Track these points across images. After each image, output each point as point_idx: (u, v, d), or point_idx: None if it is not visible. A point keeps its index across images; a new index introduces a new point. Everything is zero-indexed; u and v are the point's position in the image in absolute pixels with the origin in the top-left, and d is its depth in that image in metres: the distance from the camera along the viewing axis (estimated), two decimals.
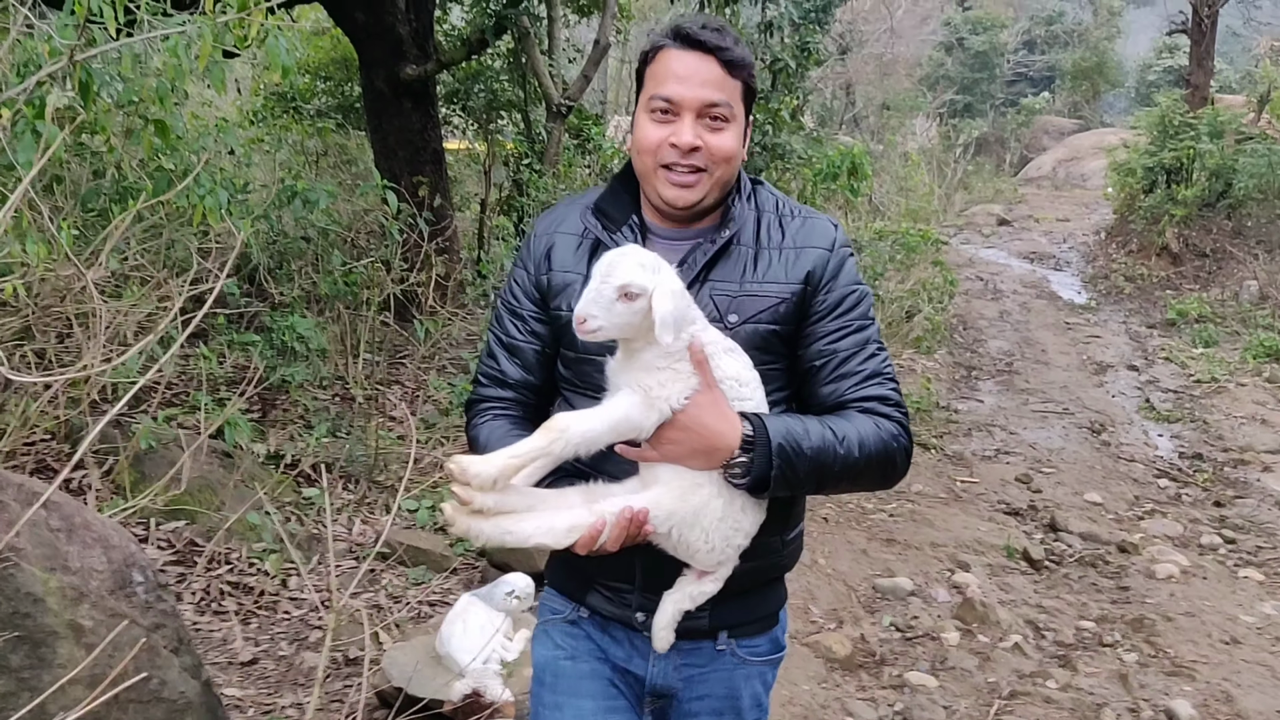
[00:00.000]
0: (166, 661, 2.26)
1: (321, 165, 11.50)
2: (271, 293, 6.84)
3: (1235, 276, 14.80)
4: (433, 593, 4.90)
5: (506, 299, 2.14)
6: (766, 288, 1.99)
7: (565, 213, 2.13)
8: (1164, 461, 8.80)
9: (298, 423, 6.22)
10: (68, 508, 2.24)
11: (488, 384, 2.13)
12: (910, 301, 12.36)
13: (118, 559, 2.21)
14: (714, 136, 1.97)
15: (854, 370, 2.00)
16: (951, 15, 36.82)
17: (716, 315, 1.97)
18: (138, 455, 4.79)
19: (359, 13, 8.29)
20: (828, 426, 1.93)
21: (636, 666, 2.11)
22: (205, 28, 3.74)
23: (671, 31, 2.00)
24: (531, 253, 2.11)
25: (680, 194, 1.98)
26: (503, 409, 2.10)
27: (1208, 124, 16.16)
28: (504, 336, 2.12)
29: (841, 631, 5.16)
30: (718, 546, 1.91)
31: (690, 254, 2.01)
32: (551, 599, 2.21)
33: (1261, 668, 5.08)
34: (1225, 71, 31.10)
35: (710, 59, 1.96)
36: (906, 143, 25.81)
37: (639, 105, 2.04)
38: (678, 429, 1.84)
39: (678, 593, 1.98)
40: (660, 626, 2.00)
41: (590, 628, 2.13)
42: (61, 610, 2.08)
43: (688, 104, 1.96)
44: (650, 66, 2.02)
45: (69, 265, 4.13)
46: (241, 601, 4.49)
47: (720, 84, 1.97)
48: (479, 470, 1.75)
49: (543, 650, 2.19)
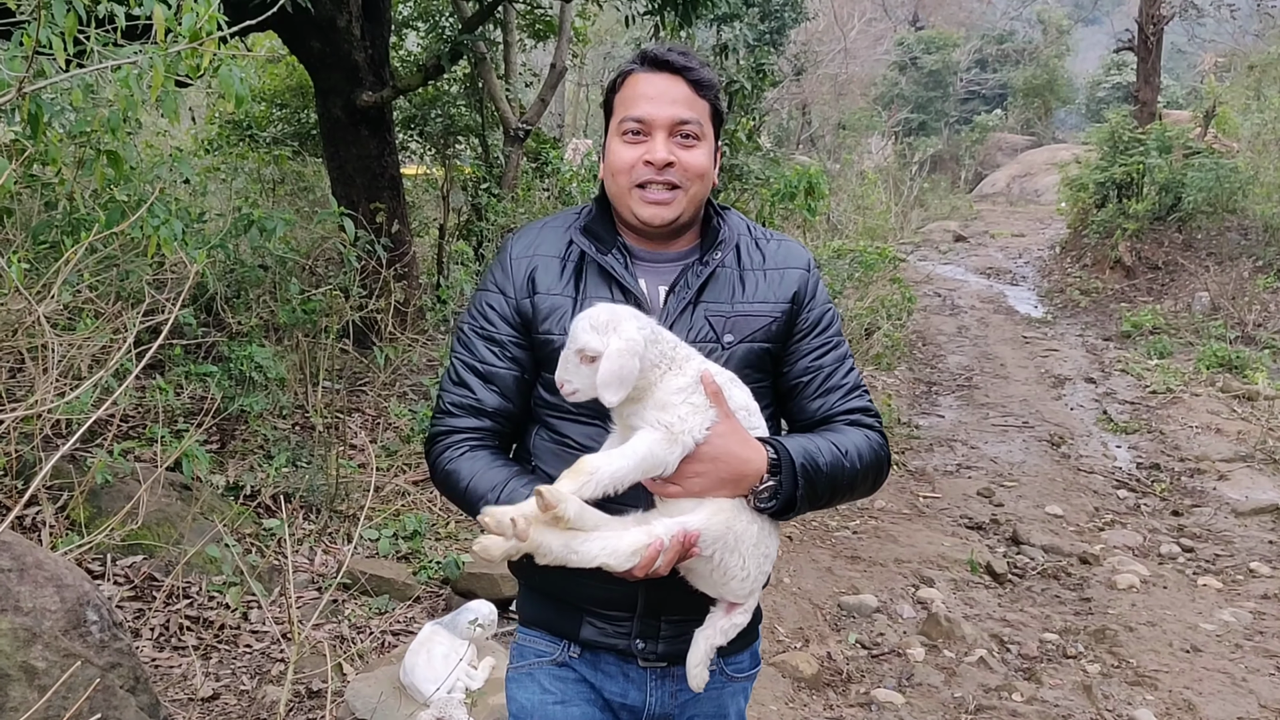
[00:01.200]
0: (123, 701, 2.21)
1: (278, 193, 11.43)
2: (229, 322, 6.78)
3: (1187, 288, 15.05)
4: (396, 622, 4.85)
5: (478, 325, 2.07)
6: (758, 308, 2.05)
7: (541, 235, 2.11)
8: (1122, 472, 8.90)
9: (257, 453, 6.15)
10: (18, 547, 2.20)
11: (460, 413, 2.05)
12: (869, 319, 12.45)
13: (71, 598, 2.17)
14: (686, 153, 2.00)
15: (838, 384, 2.09)
16: (904, 35, 37.34)
17: (713, 336, 2.01)
18: (93, 490, 4.71)
19: (314, 40, 8.26)
20: (831, 442, 1.99)
21: (633, 699, 2.09)
22: (157, 58, 3.71)
23: (638, 56, 2.04)
24: (510, 276, 2.06)
25: (656, 211, 2.01)
26: (479, 440, 2.04)
27: (1156, 139, 16.46)
28: (479, 364, 2.05)
29: (808, 650, 5.16)
30: (752, 574, 1.94)
31: (681, 277, 2.04)
32: (533, 640, 2.14)
33: (1222, 675, 5.14)
34: (1172, 88, 31.70)
35: (678, 79, 2.01)
36: (863, 161, 26.06)
37: (610, 132, 2.06)
38: (704, 460, 1.85)
39: (709, 629, 1.99)
40: (694, 664, 2.00)
41: (580, 666, 2.09)
42: (13, 652, 2.03)
43: (659, 122, 1.99)
44: (619, 93, 2.05)
45: (20, 299, 4.08)
46: (202, 636, 4.42)
47: (690, 103, 2.01)
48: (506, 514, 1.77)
49: (528, 695, 2.12)
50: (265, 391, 6.19)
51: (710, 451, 1.84)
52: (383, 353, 6.95)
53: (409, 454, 6.70)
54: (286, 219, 6.30)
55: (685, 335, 1.97)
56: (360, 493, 5.83)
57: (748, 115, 11.76)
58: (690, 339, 1.98)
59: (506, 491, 1.92)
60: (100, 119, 4.09)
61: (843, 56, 29.90)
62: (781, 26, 12.88)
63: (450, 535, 5.80)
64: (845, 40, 29.26)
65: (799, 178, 10.89)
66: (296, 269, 7.63)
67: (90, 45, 3.96)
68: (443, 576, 5.27)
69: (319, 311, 7.01)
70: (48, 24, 3.58)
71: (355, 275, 7.12)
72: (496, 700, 3.66)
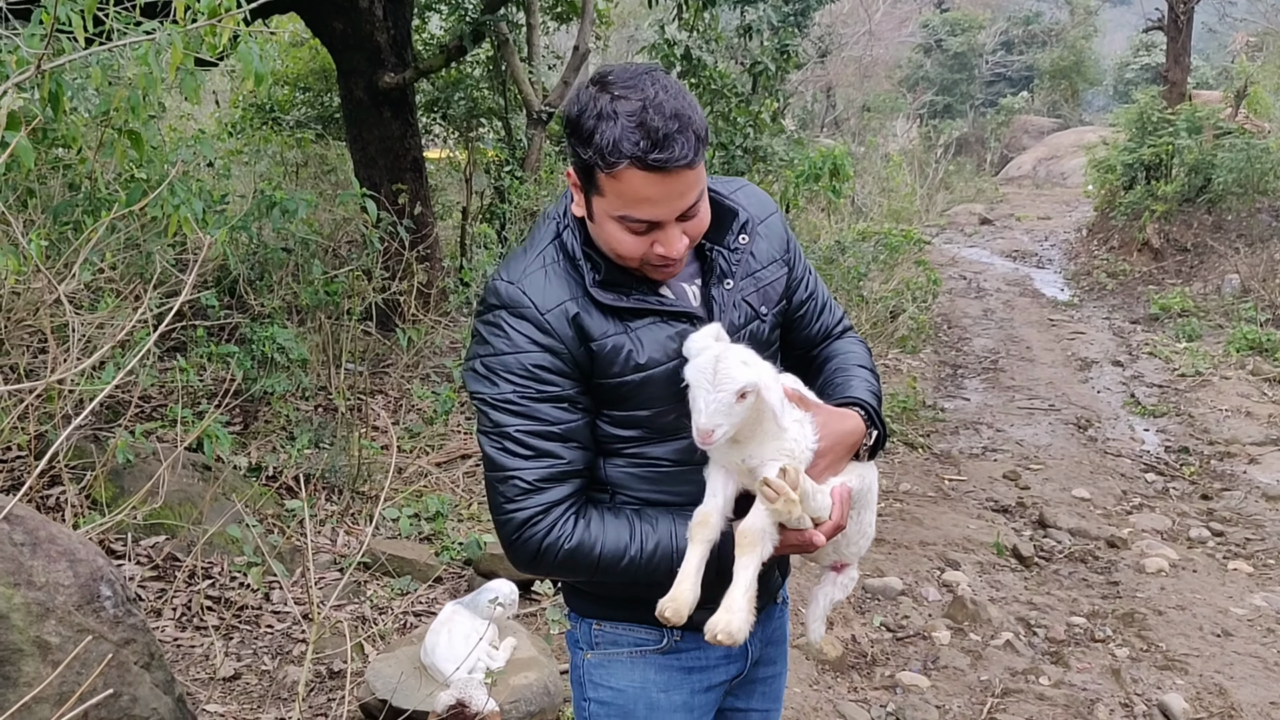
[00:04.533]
0: (137, 677, 2.20)
1: (301, 176, 11.45)
2: (251, 304, 6.78)
3: (1217, 270, 14.85)
4: (418, 602, 4.84)
5: (533, 390, 1.89)
6: (772, 269, 2.08)
7: (549, 282, 1.92)
8: (1150, 456, 8.80)
9: (279, 434, 6.15)
10: (31, 521, 2.18)
11: (552, 485, 1.90)
12: (894, 301, 12.37)
13: (85, 573, 2.16)
14: (694, 224, 1.88)
15: (824, 301, 2.21)
16: (929, 17, 37.02)
17: (753, 314, 2.02)
18: (115, 471, 4.73)
19: (337, 22, 8.25)
20: (858, 366, 2.16)
21: (736, 654, 2.15)
22: (175, 35, 3.69)
23: (631, 149, 1.75)
24: (553, 333, 1.88)
25: (669, 274, 1.93)
26: (577, 503, 1.93)
27: (1186, 120, 16.23)
28: (555, 427, 1.90)
29: (832, 633, 5.12)
30: (867, 534, 2.10)
31: (714, 266, 2.00)
32: (630, 630, 2.10)
33: (1253, 659, 5.07)
34: (1202, 68, 31.28)
35: (681, 172, 1.78)
36: (887, 144, 25.88)
37: (597, 205, 1.86)
38: (823, 454, 1.94)
39: (828, 586, 2.16)
40: (814, 619, 2.20)
41: (687, 645, 2.09)
42: (26, 627, 2.02)
43: (668, 219, 1.83)
44: (608, 179, 1.79)
45: (41, 278, 4.07)
46: (223, 616, 4.42)
47: (693, 184, 1.82)
48: (739, 626, 1.83)
49: (630, 681, 2.10)
50: (287, 372, 6.19)
51: (825, 446, 1.94)
52: (405, 334, 6.94)
53: (431, 435, 6.70)
54: (308, 199, 6.29)
55: (738, 320, 1.99)
56: (383, 474, 5.82)
57: (772, 97, 11.68)
58: (742, 322, 2.00)
59: (645, 536, 1.92)
60: (120, 98, 4.07)
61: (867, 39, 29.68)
62: (806, 8, 12.74)
63: (473, 516, 5.79)
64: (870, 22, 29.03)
65: (823, 160, 10.82)
66: (319, 251, 7.63)
67: (110, 23, 3.94)
68: (465, 557, 5.26)
69: (341, 293, 7.01)
70: (67, 1, 3.56)
71: (377, 257, 7.11)
72: (518, 680, 3.64)
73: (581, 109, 1.80)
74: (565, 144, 1.92)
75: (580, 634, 2.16)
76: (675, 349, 1.90)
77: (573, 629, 2.19)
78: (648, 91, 1.76)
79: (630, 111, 1.74)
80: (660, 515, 1.94)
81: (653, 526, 1.92)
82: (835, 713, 4.43)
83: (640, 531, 1.91)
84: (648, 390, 1.91)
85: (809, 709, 4.38)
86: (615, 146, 1.75)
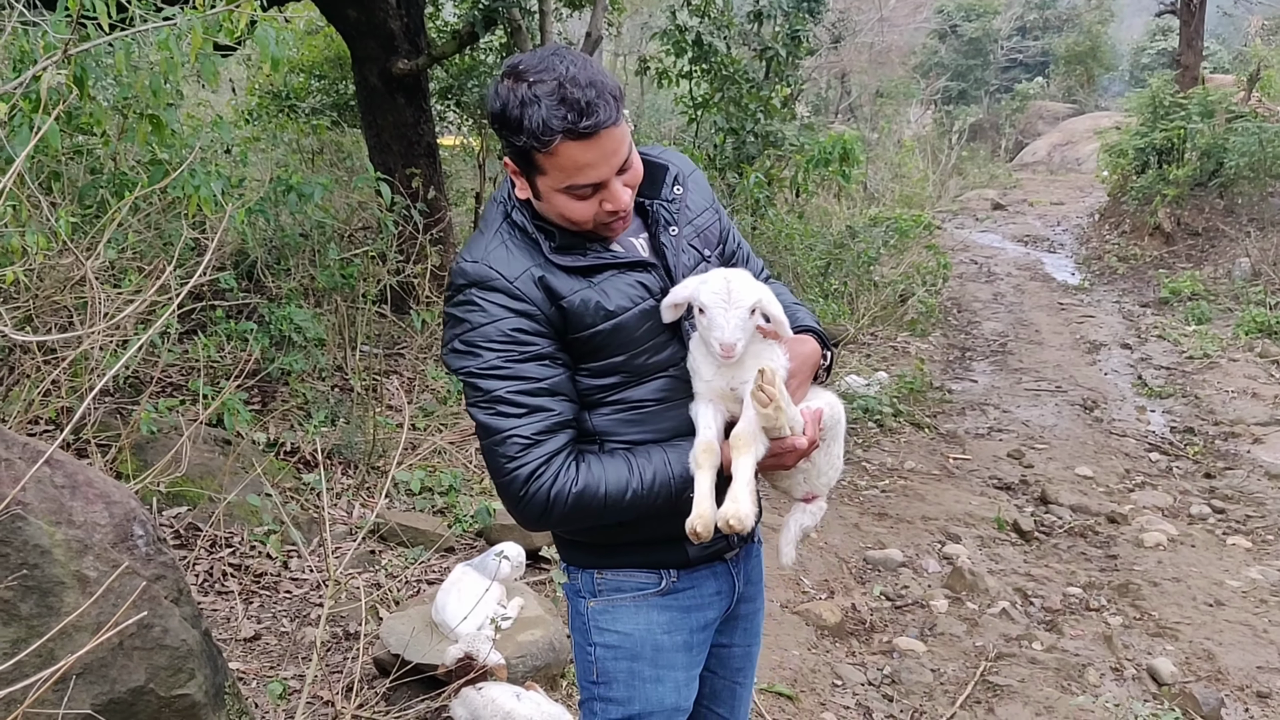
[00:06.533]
0: (167, 610, 2.37)
1: (317, 163, 11.61)
2: (269, 287, 6.95)
3: (1228, 254, 14.88)
4: (430, 570, 5.00)
5: (516, 353, 2.01)
6: (706, 215, 2.26)
7: (511, 254, 2.04)
8: (1155, 436, 8.90)
9: (297, 413, 6.33)
10: (70, 466, 2.36)
11: (550, 436, 2.02)
12: (904, 285, 12.47)
13: (119, 514, 2.33)
14: (630, 174, 2.03)
15: (747, 253, 2.36)
16: (944, 3, 36.89)
17: (700, 256, 2.19)
18: (139, 444, 4.90)
19: (351, 9, 8.39)
20: (794, 302, 2.32)
21: (724, 590, 2.32)
22: (195, 21, 3.85)
23: (560, 123, 1.88)
24: (524, 297, 2.00)
25: (619, 229, 2.09)
26: (571, 450, 2.05)
27: (1198, 103, 16.23)
28: (542, 383, 2.02)
29: (832, 601, 5.27)
30: (836, 465, 2.27)
31: (655, 217, 2.17)
32: (631, 576, 2.24)
33: (1244, 627, 5.19)
34: (1219, 53, 31.16)
35: (609, 130, 1.92)
36: (902, 130, 25.90)
37: (541, 184, 1.99)
38: (794, 375, 2.13)
39: (799, 513, 2.32)
40: (787, 543, 2.34)
41: (683, 585, 2.25)
42: (67, 561, 2.19)
43: (609, 177, 1.97)
44: (545, 157, 1.93)
45: (68, 255, 4.24)
46: (243, 581, 4.60)
47: (621, 140, 1.96)
48: (747, 512, 1.99)
49: (635, 625, 2.24)
50: (304, 352, 6.36)
51: (794, 366, 2.13)
52: (419, 316, 7.10)
53: (445, 414, 6.86)
54: (324, 184, 6.45)
55: (687, 262, 2.15)
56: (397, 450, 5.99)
57: (783, 82, 11.76)
58: (691, 265, 2.15)
59: (642, 468, 2.06)
60: (142, 83, 4.24)
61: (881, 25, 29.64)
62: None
63: (484, 490, 5.94)
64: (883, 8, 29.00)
65: (833, 144, 10.92)
66: (335, 235, 7.79)
67: (133, 10, 4.10)
68: (476, 529, 5.42)
69: (357, 276, 7.17)
70: None
71: (392, 240, 7.26)
72: (524, 637, 3.80)
73: (504, 102, 1.92)
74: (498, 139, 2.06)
75: (582, 584, 2.30)
76: (637, 295, 2.08)
77: (572, 580, 2.32)
78: (559, 69, 1.89)
79: (549, 91, 1.87)
80: (652, 449, 2.09)
81: (647, 459, 2.07)
82: (833, 674, 4.58)
83: (637, 465, 2.06)
84: (621, 335, 2.06)
85: (807, 670, 4.53)
86: (545, 126, 1.87)
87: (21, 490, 2.05)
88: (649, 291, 2.08)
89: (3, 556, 2.16)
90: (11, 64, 3.94)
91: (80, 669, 2.25)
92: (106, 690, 2.36)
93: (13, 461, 2.13)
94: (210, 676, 2.65)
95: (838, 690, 4.50)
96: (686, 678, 2.29)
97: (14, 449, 2.16)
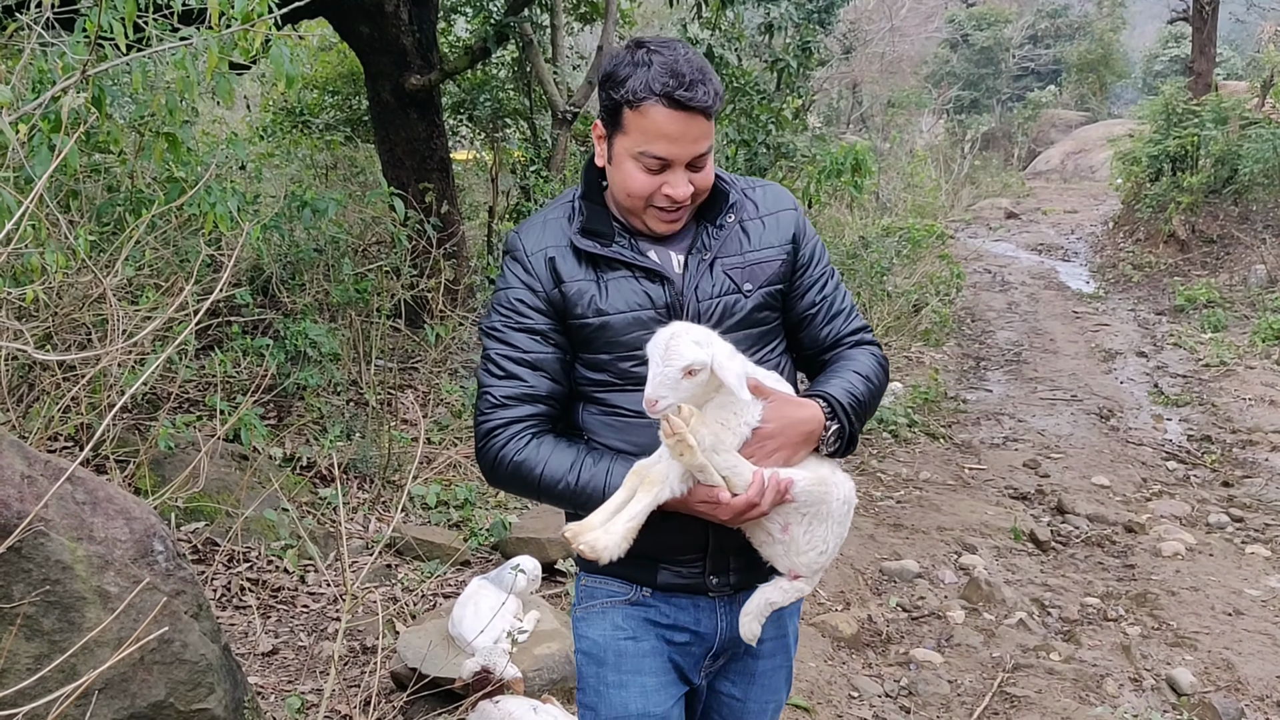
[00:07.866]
0: (187, 625, 2.39)
1: (331, 178, 11.67)
2: (284, 302, 6.99)
3: (1243, 261, 14.83)
4: (447, 584, 5.02)
5: (511, 321, 2.15)
6: (766, 253, 2.22)
7: (546, 230, 2.19)
8: (1172, 444, 8.86)
9: (312, 428, 6.36)
10: (91, 482, 2.38)
11: (514, 403, 2.13)
12: (917, 295, 12.45)
13: (139, 529, 2.36)
14: (700, 176, 2.10)
15: (840, 309, 2.30)
16: (955, 12, 36.90)
17: (733, 287, 2.17)
18: (156, 459, 4.94)
19: (364, 26, 8.45)
20: (854, 372, 2.22)
21: (705, 626, 2.25)
22: (211, 40, 3.88)
23: (661, 87, 2.00)
24: (533, 272, 2.14)
25: (670, 227, 2.15)
26: (538, 426, 2.14)
27: (1211, 111, 16.20)
28: (524, 355, 2.14)
29: (848, 612, 5.26)
30: (827, 551, 2.12)
31: (697, 240, 2.18)
32: (605, 583, 2.26)
33: (1263, 636, 5.16)
34: (1232, 59, 31.11)
35: (698, 116, 2.03)
36: (914, 140, 25.89)
37: (618, 145, 2.08)
38: (770, 436, 2.04)
39: (773, 586, 2.16)
40: (748, 614, 2.17)
41: (656, 602, 2.23)
42: (89, 577, 2.22)
43: (680, 160, 2.05)
44: (634, 115, 2.03)
45: (87, 273, 4.28)
46: (260, 596, 4.62)
47: (706, 133, 2.06)
48: (606, 544, 1.94)
49: (601, 631, 2.25)
50: (319, 367, 6.40)
51: (771, 427, 2.03)
52: (433, 331, 7.13)
53: (460, 428, 6.88)
54: (338, 199, 6.49)
55: (710, 290, 2.14)
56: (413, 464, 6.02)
57: (794, 93, 11.77)
58: (715, 293, 2.15)
59: (583, 468, 2.08)
60: (158, 102, 4.28)
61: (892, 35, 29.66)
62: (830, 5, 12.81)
63: (500, 504, 5.96)
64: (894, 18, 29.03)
65: (845, 155, 10.93)
66: (349, 250, 7.83)
67: (149, 30, 4.14)
68: (493, 542, 5.43)
69: (371, 291, 7.21)
70: (109, 10, 3.76)
71: (406, 255, 7.30)
72: (541, 650, 3.81)
73: (619, 61, 2.06)
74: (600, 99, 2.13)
75: (576, 591, 2.35)
76: (639, 302, 2.11)
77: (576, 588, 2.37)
78: (678, 50, 2.03)
79: (663, 61, 2.01)
80: (607, 458, 2.10)
81: (594, 463, 2.09)
82: (849, 686, 4.57)
83: (581, 465, 2.09)
84: (605, 334, 2.11)
85: (823, 682, 4.52)
86: (646, 85, 2.00)
87: (44, 507, 2.08)
88: (653, 303, 2.12)
89: (25, 572, 2.19)
90: (31, 85, 3.98)
91: (102, 684, 2.27)
92: (128, 705, 2.39)
93: (35, 478, 2.16)
94: (230, 691, 2.67)
95: (854, 702, 4.49)
96: (657, 683, 2.23)
97: (36, 466, 2.19)
